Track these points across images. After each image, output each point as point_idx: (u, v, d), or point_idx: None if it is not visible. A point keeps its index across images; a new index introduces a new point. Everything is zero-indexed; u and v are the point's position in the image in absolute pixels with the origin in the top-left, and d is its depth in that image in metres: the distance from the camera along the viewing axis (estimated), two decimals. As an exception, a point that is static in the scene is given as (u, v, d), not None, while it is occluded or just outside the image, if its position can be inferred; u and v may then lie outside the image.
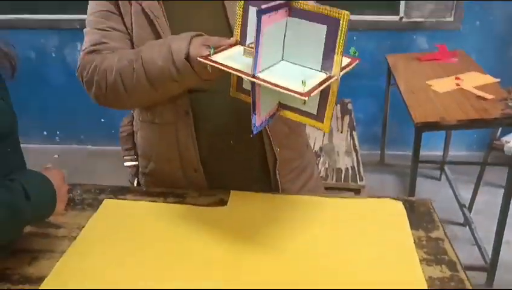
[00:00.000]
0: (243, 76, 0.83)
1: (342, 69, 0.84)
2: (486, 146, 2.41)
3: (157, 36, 1.06)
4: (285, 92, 0.79)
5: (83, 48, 1.09)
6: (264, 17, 0.79)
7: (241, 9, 0.90)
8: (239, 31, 0.91)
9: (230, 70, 0.85)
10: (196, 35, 0.98)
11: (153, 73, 1.00)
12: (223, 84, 0.98)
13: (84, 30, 1.12)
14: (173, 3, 1.10)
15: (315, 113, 0.89)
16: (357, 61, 0.88)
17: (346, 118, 2.41)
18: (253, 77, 0.82)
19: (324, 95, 0.85)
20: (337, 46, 0.81)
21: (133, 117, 1.25)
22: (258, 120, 0.88)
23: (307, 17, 0.84)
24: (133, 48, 1.09)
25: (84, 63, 1.07)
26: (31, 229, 1.00)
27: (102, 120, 3.11)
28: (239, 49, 0.91)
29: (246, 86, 0.94)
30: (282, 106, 0.92)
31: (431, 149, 2.82)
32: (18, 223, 0.88)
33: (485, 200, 2.46)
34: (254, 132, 0.87)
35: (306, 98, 0.76)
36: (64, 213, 0.99)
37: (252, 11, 0.87)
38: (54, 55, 3.03)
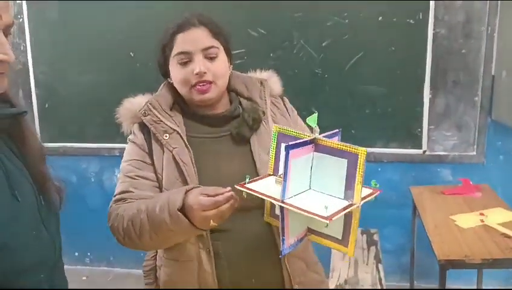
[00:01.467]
0: (274, 201, 0.94)
1: (364, 198, 0.94)
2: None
3: (185, 182, 1.16)
4: (310, 215, 0.88)
5: (115, 193, 1.21)
6: (292, 152, 0.93)
7: (274, 145, 1.04)
8: (273, 163, 1.04)
9: (262, 196, 0.96)
10: (192, 188, 1.07)
11: (153, 222, 1.08)
12: (242, 224, 1.05)
13: (118, 175, 1.24)
14: (201, 151, 1.22)
15: (340, 237, 0.96)
16: (378, 192, 0.97)
17: (372, 250, 2.40)
18: (282, 202, 0.92)
19: (347, 221, 0.94)
20: (356, 177, 0.92)
21: (157, 252, 1.31)
22: (286, 243, 0.97)
23: (330, 152, 0.96)
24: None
25: (111, 210, 1.18)
26: None
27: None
28: (272, 179, 1.03)
29: (278, 212, 1.03)
30: (310, 230, 1.01)
31: (466, 282, 2.72)
32: None
33: None
34: (282, 254, 0.95)
35: (328, 221, 0.85)
36: None
37: (283, 147, 0.99)
38: (93, 180, 3.22)
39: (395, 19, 2.66)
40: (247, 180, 1.02)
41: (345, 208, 0.90)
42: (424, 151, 2.82)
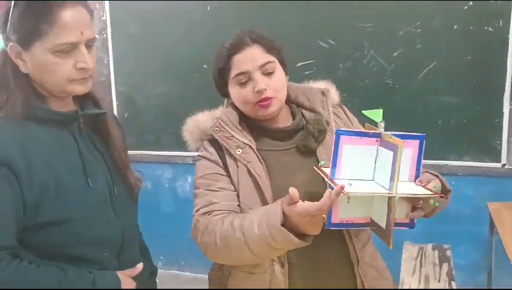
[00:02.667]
0: (325, 177, 1.05)
1: (415, 195, 1.01)
2: None
3: (261, 195, 1.18)
4: (328, 182, 1.00)
5: (196, 208, 1.22)
6: (343, 137, 1.01)
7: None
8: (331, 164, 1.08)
9: (322, 175, 1.08)
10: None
11: (252, 240, 1.08)
12: (318, 236, 1.06)
13: (195, 191, 1.26)
14: (272, 164, 1.23)
15: (384, 227, 1.02)
16: (436, 195, 1.03)
17: (445, 266, 2.31)
18: (330, 179, 1.01)
19: (389, 213, 0.99)
20: (396, 169, 0.97)
21: (223, 265, 1.31)
22: (334, 218, 1.02)
23: (386, 146, 1.03)
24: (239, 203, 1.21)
25: (198, 225, 1.19)
26: None
27: (201, 248, 3.28)
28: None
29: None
30: (373, 223, 1.07)
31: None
32: None
33: None
34: (326, 226, 1.02)
35: (345, 195, 0.95)
36: None
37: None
38: (166, 186, 3.36)
39: (472, 27, 2.56)
40: (322, 163, 1.11)
41: (370, 193, 0.99)
42: (504, 165, 2.67)
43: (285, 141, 1.27)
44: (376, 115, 1.02)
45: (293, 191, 0.99)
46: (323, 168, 1.09)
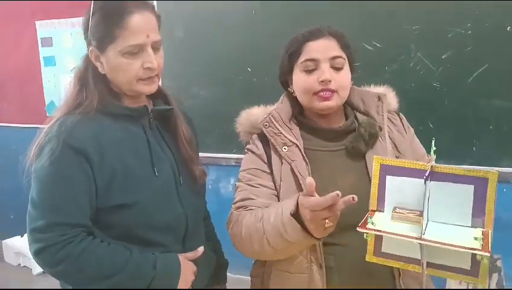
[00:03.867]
0: (411, 239, 0.89)
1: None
2: None
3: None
4: (465, 251, 0.83)
5: (234, 201, 1.26)
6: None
7: (377, 178, 0.99)
8: (375, 196, 0.99)
9: (398, 237, 0.91)
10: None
11: (268, 230, 1.09)
12: (355, 240, 1.04)
13: (237, 184, 1.29)
14: (318, 164, 1.23)
15: (468, 268, 0.90)
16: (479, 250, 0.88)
17: (495, 277, 2.21)
18: (421, 239, 0.87)
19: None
20: (487, 203, 0.87)
21: (266, 262, 1.33)
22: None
23: (452, 179, 0.91)
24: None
25: (231, 217, 1.23)
26: None
27: (243, 250, 3.30)
28: (381, 214, 0.98)
29: (385, 249, 0.98)
30: (428, 264, 0.95)
31: None
32: (140, 281, 1.17)
33: None
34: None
35: (488, 254, 0.82)
36: None
37: (389, 179, 0.96)
38: (210, 187, 3.40)
39: (526, 28, 2.46)
40: (370, 221, 0.98)
41: (485, 237, 0.85)
42: (558, 172, 2.55)
43: (335, 142, 1.27)
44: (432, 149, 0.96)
45: (309, 180, 0.97)
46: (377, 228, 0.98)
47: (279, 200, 1.22)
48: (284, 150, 1.23)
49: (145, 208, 1.20)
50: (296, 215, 1.03)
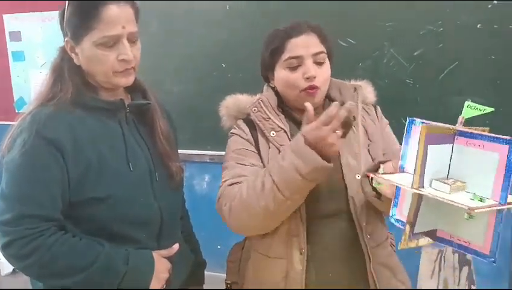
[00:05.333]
0: (405, 187, 0.88)
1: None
2: None
3: None
4: (449, 202, 0.80)
5: (224, 180, 1.24)
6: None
7: (422, 146, 0.89)
8: (419, 173, 0.89)
9: (395, 183, 0.92)
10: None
11: (280, 175, 1.08)
12: (331, 229, 1.06)
13: (224, 164, 1.28)
14: None
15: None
16: None
17: (465, 270, 2.26)
18: (418, 188, 0.85)
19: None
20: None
21: (245, 244, 1.34)
22: (398, 214, 0.92)
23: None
24: None
25: (225, 192, 1.20)
26: None
27: (218, 247, 3.28)
28: (407, 176, 0.94)
29: (417, 229, 0.92)
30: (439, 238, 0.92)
31: None
32: (110, 277, 1.15)
33: None
34: (393, 221, 0.94)
35: (471, 212, 0.77)
36: None
37: (431, 149, 0.89)
38: (184, 184, 3.37)
39: (496, 26, 2.50)
40: (381, 171, 1.00)
41: (493, 206, 0.80)
42: (527, 168, 2.61)
43: None
44: (476, 110, 0.89)
45: (309, 106, 1.04)
46: (384, 175, 0.97)
47: None
48: (272, 135, 1.24)
49: (119, 202, 1.19)
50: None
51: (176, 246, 1.30)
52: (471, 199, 0.84)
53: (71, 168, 1.15)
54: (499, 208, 0.81)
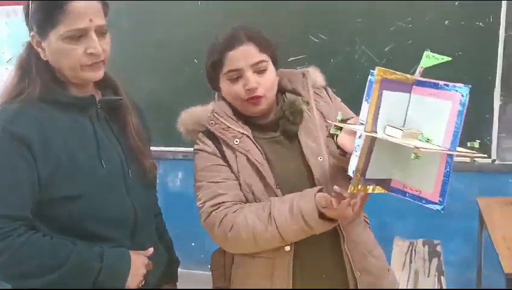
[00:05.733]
0: (357, 128, 0.93)
1: (462, 152, 0.87)
2: None
3: (263, 180, 1.21)
4: (397, 141, 0.84)
5: (202, 201, 1.23)
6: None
7: (376, 96, 0.92)
8: (372, 116, 0.93)
9: (352, 127, 0.96)
10: (318, 191, 1.13)
11: (287, 235, 1.15)
12: None
13: (197, 185, 1.26)
14: (266, 151, 1.25)
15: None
16: (480, 155, 0.90)
17: (435, 261, 2.32)
18: (371, 131, 0.89)
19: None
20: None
21: (225, 252, 1.32)
22: (359, 174, 0.94)
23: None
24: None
25: (212, 219, 1.20)
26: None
27: (192, 244, 3.26)
28: (362, 127, 0.96)
29: (370, 175, 0.97)
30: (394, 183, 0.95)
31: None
32: (84, 275, 1.12)
33: None
34: (351, 174, 0.96)
35: (416, 151, 0.81)
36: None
37: (385, 95, 0.93)
38: (157, 181, 3.33)
39: (463, 22, 2.56)
40: (338, 117, 1.08)
41: (440, 149, 0.84)
42: (494, 161, 2.69)
43: (274, 130, 1.29)
44: (435, 59, 0.93)
45: (335, 203, 1.05)
46: (341, 123, 1.04)
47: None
48: (236, 143, 1.23)
49: (91, 200, 1.16)
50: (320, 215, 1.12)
51: (151, 250, 1.28)
52: (419, 139, 0.87)
53: (40, 166, 1.11)
54: (444, 151, 0.84)
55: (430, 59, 0.92)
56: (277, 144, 1.27)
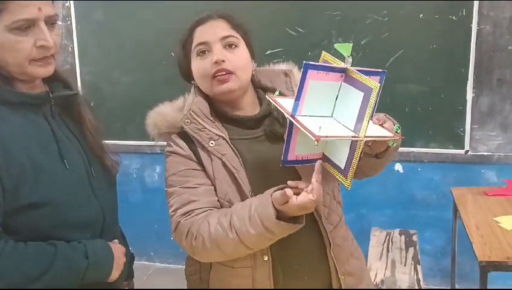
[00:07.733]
0: (284, 112, 1.00)
1: (377, 137, 0.96)
2: None
3: (238, 187, 1.16)
4: (302, 129, 0.93)
5: (174, 208, 1.16)
6: (311, 72, 0.95)
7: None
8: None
9: (280, 108, 1.02)
10: (274, 191, 1.06)
11: (249, 241, 1.08)
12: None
13: (169, 190, 1.19)
14: (245, 152, 1.20)
15: (342, 167, 0.99)
16: (398, 137, 0.99)
17: (411, 251, 2.36)
18: (291, 116, 0.97)
19: (351, 153, 0.96)
20: (366, 112, 0.92)
21: None
22: (290, 155, 1.04)
23: (354, 84, 0.97)
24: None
25: (180, 228, 1.14)
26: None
27: (171, 239, 3.26)
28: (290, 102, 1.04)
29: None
30: (325, 158, 1.05)
31: (510, 287, 2.63)
32: (73, 274, 1.07)
33: None
34: (282, 164, 1.04)
35: (315, 140, 0.89)
36: (116, 279, 1.16)
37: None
38: (134, 176, 3.31)
39: (437, 16, 2.61)
40: (277, 93, 1.10)
41: (343, 137, 0.94)
42: (467, 151, 2.75)
43: (255, 129, 1.23)
44: (345, 48, 0.98)
45: (289, 192, 1.01)
46: (277, 98, 1.06)
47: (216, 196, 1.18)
48: (211, 145, 1.17)
49: (60, 205, 1.07)
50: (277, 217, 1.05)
51: (116, 241, 1.21)
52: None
53: (5, 177, 1.00)
54: (342, 138, 0.94)
55: (343, 46, 1.00)
56: (258, 144, 1.21)
